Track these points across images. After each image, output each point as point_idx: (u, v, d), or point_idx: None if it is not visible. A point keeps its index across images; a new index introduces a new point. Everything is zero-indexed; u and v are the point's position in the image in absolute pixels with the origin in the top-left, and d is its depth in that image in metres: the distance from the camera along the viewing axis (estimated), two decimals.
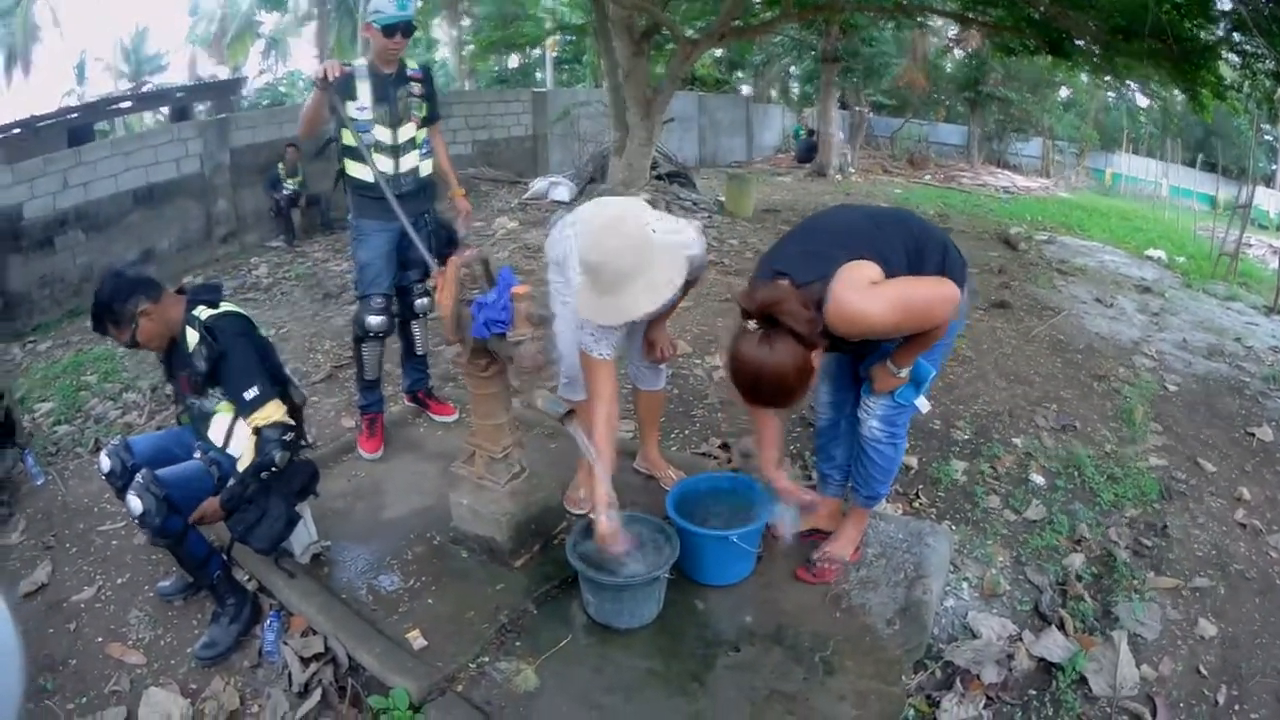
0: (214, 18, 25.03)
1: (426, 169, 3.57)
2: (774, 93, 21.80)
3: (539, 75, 21.57)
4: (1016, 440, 3.80)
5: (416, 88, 3.46)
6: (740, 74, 21.52)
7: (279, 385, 2.60)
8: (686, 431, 3.84)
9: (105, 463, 2.66)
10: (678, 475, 3.02)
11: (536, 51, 21.18)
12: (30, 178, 8.86)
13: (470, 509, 2.87)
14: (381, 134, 3.38)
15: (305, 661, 2.54)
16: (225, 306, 2.61)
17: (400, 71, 3.41)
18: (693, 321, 5.53)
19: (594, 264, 2.17)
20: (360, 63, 3.36)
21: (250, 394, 2.47)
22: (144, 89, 21.71)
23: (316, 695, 2.45)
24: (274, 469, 2.48)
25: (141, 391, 5.51)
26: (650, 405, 3.11)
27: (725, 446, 3.72)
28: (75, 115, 12.61)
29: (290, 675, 2.53)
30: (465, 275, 2.58)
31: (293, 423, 2.57)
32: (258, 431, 2.48)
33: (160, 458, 2.66)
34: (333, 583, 2.84)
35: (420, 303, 3.77)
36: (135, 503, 2.42)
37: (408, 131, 3.46)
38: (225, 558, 2.73)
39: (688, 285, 2.44)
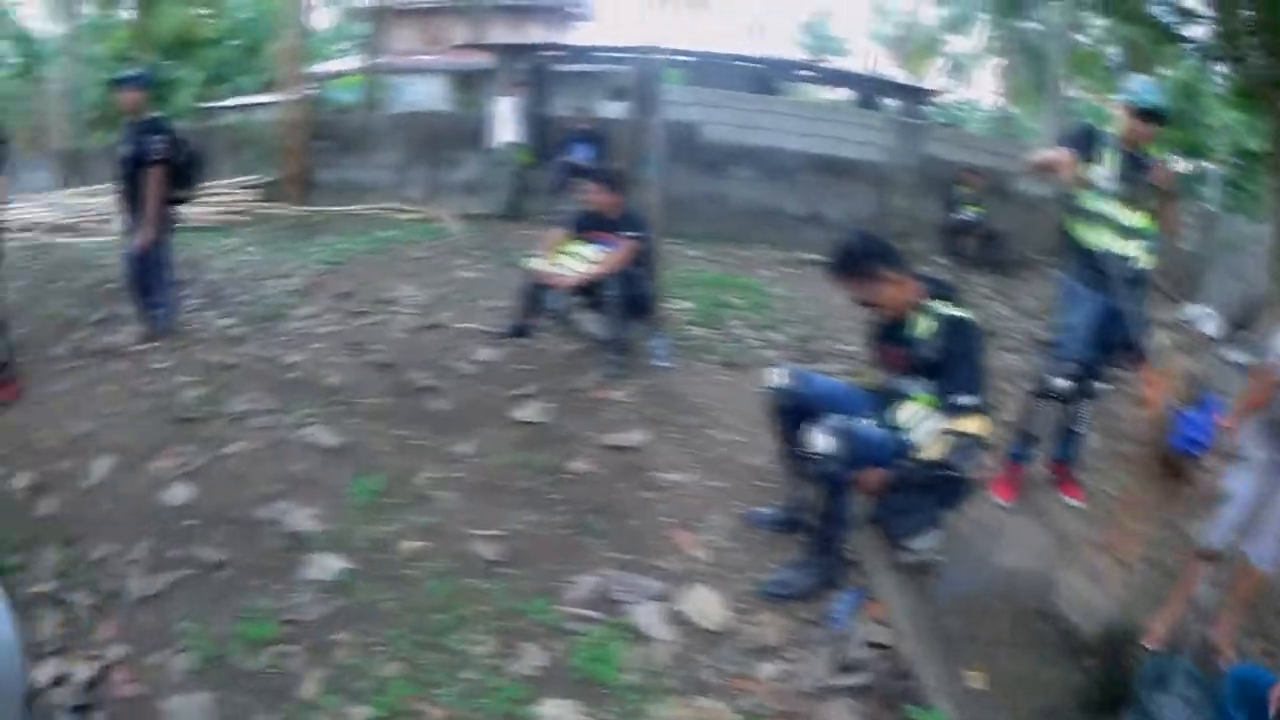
0: (898, 23, 36.77)
1: (1145, 262, 4.78)
2: None
3: (1206, 191, 24.23)
4: None
5: (1156, 178, 4.65)
6: None
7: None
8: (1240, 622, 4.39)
9: (778, 379, 4.07)
10: (1232, 656, 3.88)
11: (1207, 165, 24.48)
12: (712, 105, 13.97)
13: (1074, 592, 3.95)
14: (1115, 210, 4.68)
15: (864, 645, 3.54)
16: (962, 310, 3.80)
17: (1145, 157, 4.67)
18: None
19: None
20: (1111, 132, 4.75)
21: (965, 400, 3.57)
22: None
23: (859, 678, 3.39)
24: (951, 474, 3.61)
25: (786, 336, 7.58)
26: (1256, 584, 3.97)
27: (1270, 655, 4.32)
28: (759, 65, 17.99)
29: (844, 649, 3.52)
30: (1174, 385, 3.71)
31: (987, 440, 3.71)
32: (955, 435, 3.56)
33: (826, 403, 3.89)
34: (928, 592, 3.94)
35: (1102, 385, 5.02)
36: (827, 442, 3.56)
37: (1138, 219, 4.70)
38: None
39: None
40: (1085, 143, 4.66)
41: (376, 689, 3.20)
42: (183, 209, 7.00)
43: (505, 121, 13.74)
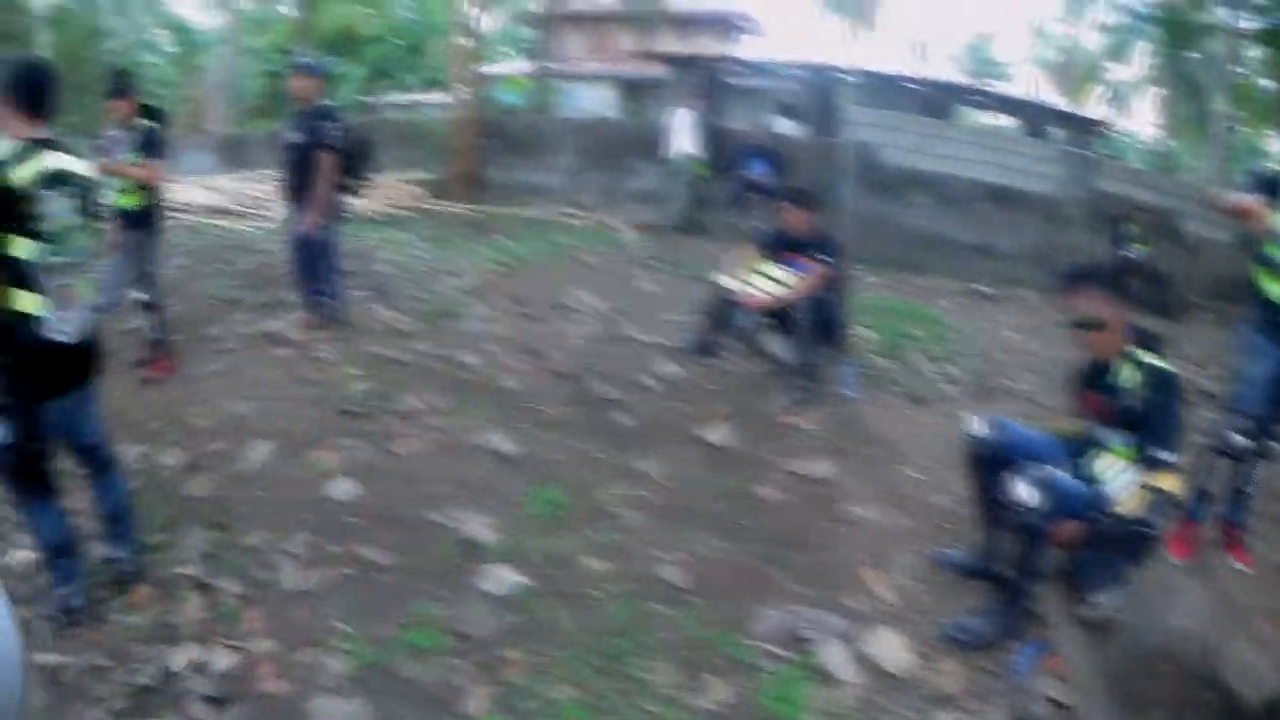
0: (1060, 47, 40.00)
1: None
2: None
3: None
4: None
5: None
6: None
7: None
8: None
9: (979, 428, 4.24)
10: None
11: None
12: (889, 127, 14.49)
13: (1240, 659, 3.91)
14: None
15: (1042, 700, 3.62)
16: (1166, 362, 3.91)
17: None
18: None
19: None
20: None
21: (1165, 455, 3.71)
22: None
23: None
24: (1143, 530, 3.76)
25: (964, 370, 7.61)
26: None
27: None
28: (931, 88, 18.74)
29: (1022, 703, 3.61)
30: None
31: (1178, 496, 3.89)
32: (1152, 491, 3.68)
33: (1024, 453, 4.02)
34: (1108, 649, 3.97)
35: (1275, 445, 5.04)
36: (1029, 493, 3.70)
37: None
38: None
39: None
40: (1273, 190, 4.70)
41: (548, 711, 3.19)
42: (350, 199, 7.17)
43: (682, 133, 14.01)
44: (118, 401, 5.33)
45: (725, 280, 6.53)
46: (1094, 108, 33.73)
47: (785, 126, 15.75)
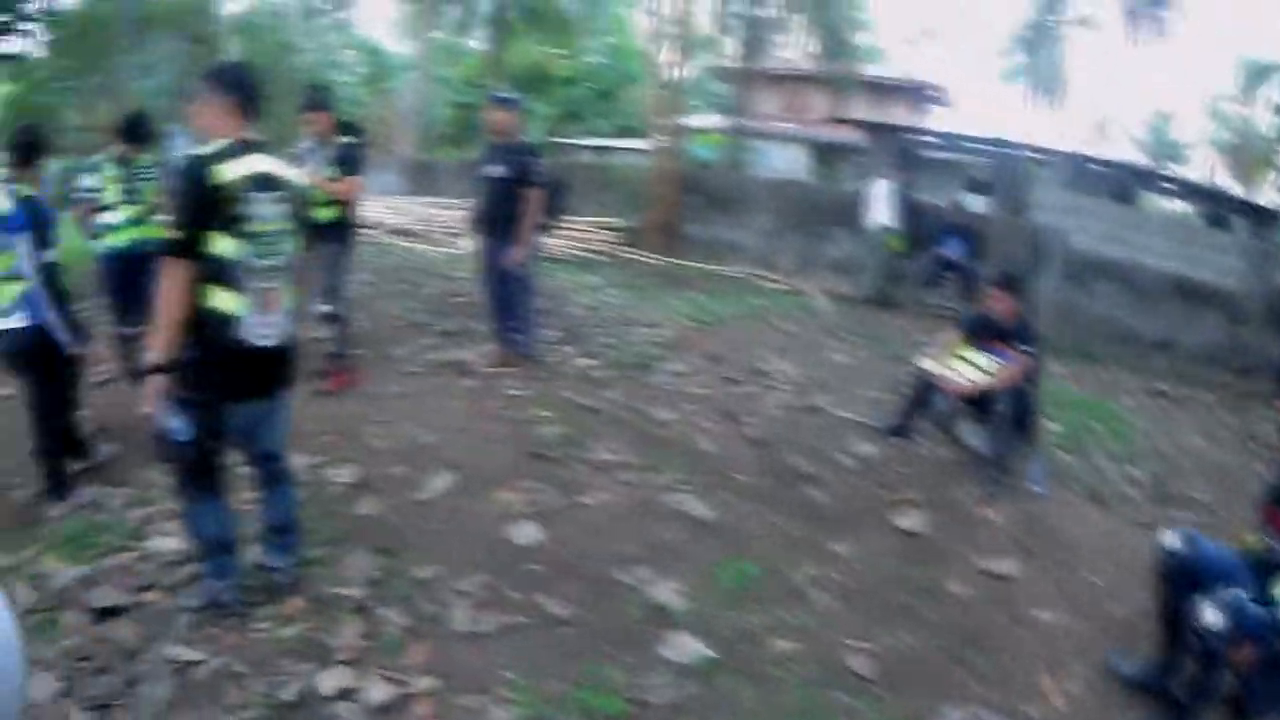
0: (1234, 129, 40.07)
1: None
2: None
3: None
4: None
5: None
6: None
7: None
8: None
9: (1171, 542, 4.17)
10: None
11: None
12: (1079, 211, 14.39)
13: None
14: None
15: None
16: None
17: None
18: None
19: None
20: None
21: None
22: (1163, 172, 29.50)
23: None
24: None
25: (1144, 473, 7.39)
26: None
27: None
28: (1116, 170, 18.33)
29: None
30: None
31: None
32: None
33: (1212, 571, 3.96)
34: None
35: None
36: (1216, 617, 3.62)
37: None
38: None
39: None
40: None
41: None
42: (545, 238, 7.27)
43: (880, 203, 14.07)
44: (293, 410, 5.51)
45: (927, 363, 6.51)
46: (1268, 193, 33.44)
47: (974, 203, 15.76)
